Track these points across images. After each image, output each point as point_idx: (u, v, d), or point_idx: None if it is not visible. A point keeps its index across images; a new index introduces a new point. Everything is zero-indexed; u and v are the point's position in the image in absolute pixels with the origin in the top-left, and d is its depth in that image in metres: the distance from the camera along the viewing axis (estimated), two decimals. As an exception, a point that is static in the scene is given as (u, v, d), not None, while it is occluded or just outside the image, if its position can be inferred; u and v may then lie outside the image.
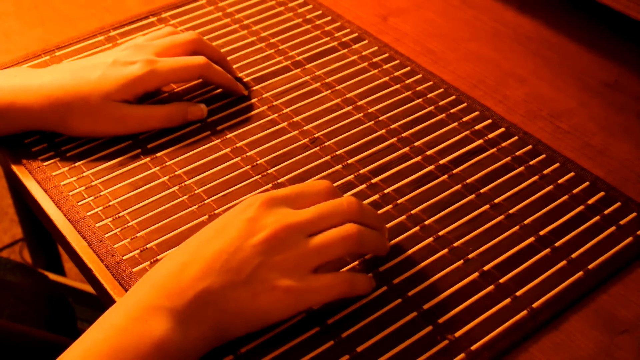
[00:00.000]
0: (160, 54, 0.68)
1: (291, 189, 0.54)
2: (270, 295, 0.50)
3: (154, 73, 0.66)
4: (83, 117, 0.65)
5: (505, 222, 0.60)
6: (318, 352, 0.52)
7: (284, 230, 0.51)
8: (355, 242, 0.53)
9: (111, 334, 0.48)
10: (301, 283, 0.51)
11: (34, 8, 0.84)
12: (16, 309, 0.85)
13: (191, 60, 0.68)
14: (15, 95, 0.64)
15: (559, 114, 0.71)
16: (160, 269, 0.51)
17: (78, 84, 0.64)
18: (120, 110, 0.65)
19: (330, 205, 0.53)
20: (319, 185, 0.55)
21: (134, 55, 0.66)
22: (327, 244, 0.52)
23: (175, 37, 0.70)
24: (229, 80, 0.70)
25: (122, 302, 0.50)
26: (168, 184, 0.63)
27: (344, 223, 0.53)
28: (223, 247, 0.50)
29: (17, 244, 1.68)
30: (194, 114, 0.69)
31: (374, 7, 0.84)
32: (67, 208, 0.62)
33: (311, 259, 0.51)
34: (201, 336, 0.49)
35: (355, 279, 0.54)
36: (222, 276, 0.50)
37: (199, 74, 0.69)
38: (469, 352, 0.52)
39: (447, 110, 0.70)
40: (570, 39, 0.80)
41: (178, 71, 0.67)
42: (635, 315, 0.55)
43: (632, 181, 0.64)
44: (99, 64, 0.66)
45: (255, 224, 0.51)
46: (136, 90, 0.66)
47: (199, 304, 0.49)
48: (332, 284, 0.52)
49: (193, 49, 0.70)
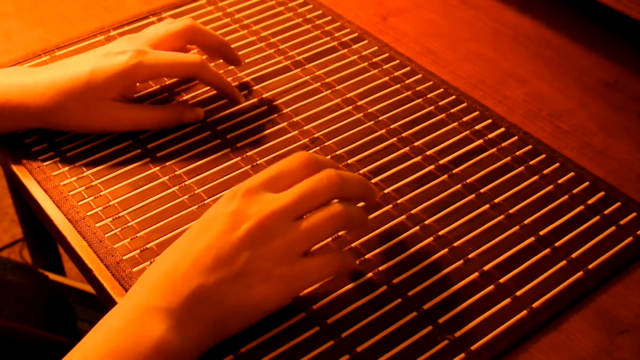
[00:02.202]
0: (156, 44, 0.67)
1: (269, 171, 0.54)
2: (266, 284, 0.50)
3: (141, 64, 0.64)
4: (77, 115, 0.65)
5: (505, 222, 0.60)
6: (318, 352, 0.52)
7: (269, 218, 0.51)
8: (342, 221, 0.52)
9: (110, 336, 0.48)
10: (294, 268, 0.51)
11: (34, 8, 0.84)
12: (16, 309, 0.85)
13: (185, 57, 0.66)
14: (11, 93, 0.64)
15: (559, 114, 0.71)
16: (153, 270, 0.51)
17: (71, 80, 0.64)
18: (114, 109, 0.65)
19: (311, 184, 0.52)
20: (296, 159, 0.54)
21: (125, 46, 0.65)
22: (314, 227, 0.52)
23: (170, 26, 0.68)
24: (224, 84, 0.69)
25: (119, 306, 0.50)
26: (168, 184, 0.63)
27: (329, 200, 0.53)
28: (211, 242, 0.50)
29: (17, 244, 1.68)
30: (190, 117, 0.68)
31: (374, 7, 0.84)
32: (67, 208, 0.62)
33: (300, 243, 0.51)
34: (200, 334, 0.49)
35: (344, 255, 0.54)
36: (215, 272, 0.50)
37: (192, 73, 0.67)
38: (469, 352, 0.52)
39: (447, 110, 0.70)
40: (570, 39, 0.80)
41: (169, 66, 0.65)
42: (635, 315, 0.55)
43: (632, 181, 0.65)
44: (92, 57, 0.65)
45: (239, 215, 0.51)
46: (126, 82, 0.64)
47: (194, 302, 0.49)
48: (324, 264, 0.53)
49: (189, 36, 0.68)
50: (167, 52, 0.66)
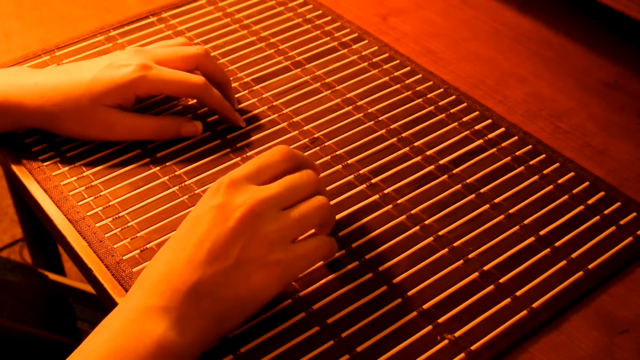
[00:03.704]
0: (161, 62, 0.66)
1: (251, 164, 0.55)
2: (262, 272, 0.51)
3: (144, 79, 0.64)
4: (73, 120, 0.64)
5: (505, 222, 0.60)
6: (318, 352, 0.52)
7: (258, 205, 0.52)
8: (327, 212, 0.55)
9: (109, 337, 0.48)
10: (288, 253, 0.52)
11: (34, 8, 0.84)
12: (16, 309, 0.85)
13: (188, 77, 0.66)
14: (10, 93, 0.64)
15: (559, 114, 0.71)
16: (150, 271, 0.51)
17: (71, 85, 0.64)
18: (110, 116, 0.65)
19: (294, 178, 0.54)
20: (276, 153, 0.56)
21: (131, 58, 0.65)
22: (303, 215, 0.53)
23: (180, 48, 0.68)
24: (225, 108, 0.68)
25: (118, 308, 0.50)
26: (168, 184, 0.63)
27: (311, 195, 0.55)
28: (202, 237, 0.51)
29: (17, 244, 1.68)
30: (188, 131, 0.67)
31: (374, 7, 0.84)
32: (67, 208, 0.62)
33: (292, 231, 0.52)
34: (200, 330, 0.49)
35: (331, 240, 0.56)
36: (211, 265, 0.50)
37: (193, 94, 0.66)
38: (469, 352, 0.52)
39: (447, 110, 0.70)
40: (570, 39, 0.80)
41: (171, 84, 0.65)
42: (635, 315, 0.55)
43: (632, 181, 0.65)
44: (95, 65, 0.65)
45: (227, 207, 0.51)
46: (126, 94, 0.64)
47: (193, 298, 0.49)
48: (315, 247, 0.54)
49: (196, 63, 0.67)
50: (171, 70, 0.66)
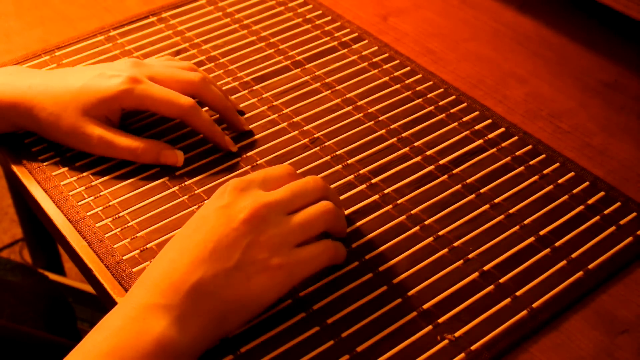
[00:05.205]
0: (155, 79, 0.64)
1: (257, 173, 0.55)
2: (264, 275, 0.51)
3: (130, 92, 0.62)
4: (55, 127, 0.63)
5: (505, 222, 0.60)
6: (318, 352, 0.52)
7: (263, 208, 0.52)
8: (333, 217, 0.55)
9: (109, 335, 0.48)
10: (291, 258, 0.52)
11: (34, 8, 0.84)
12: (16, 309, 0.85)
13: (177, 97, 0.63)
14: (4, 92, 0.64)
15: (559, 114, 0.71)
16: (151, 270, 0.51)
17: (61, 90, 0.63)
18: (91, 128, 0.63)
19: (300, 184, 0.55)
20: (281, 169, 0.56)
21: (123, 70, 0.64)
22: (308, 220, 0.53)
23: (178, 71, 0.66)
24: (214, 132, 0.65)
25: (118, 306, 0.50)
26: (168, 184, 0.63)
27: (317, 201, 0.55)
28: (206, 237, 0.51)
29: (17, 244, 1.68)
30: (167, 159, 0.64)
31: (374, 7, 0.84)
32: (67, 208, 0.62)
33: (295, 235, 0.52)
34: (200, 330, 0.49)
35: (337, 244, 0.55)
36: (213, 265, 0.50)
37: (180, 115, 0.64)
38: (469, 352, 0.52)
39: (447, 110, 0.70)
40: (570, 39, 0.80)
41: (157, 101, 0.63)
42: (635, 315, 0.55)
43: (632, 181, 0.65)
44: (88, 73, 0.64)
45: (232, 208, 0.52)
46: (111, 106, 0.63)
47: (194, 297, 0.49)
48: (319, 252, 0.53)
49: (191, 90, 0.65)
50: (161, 88, 0.63)
